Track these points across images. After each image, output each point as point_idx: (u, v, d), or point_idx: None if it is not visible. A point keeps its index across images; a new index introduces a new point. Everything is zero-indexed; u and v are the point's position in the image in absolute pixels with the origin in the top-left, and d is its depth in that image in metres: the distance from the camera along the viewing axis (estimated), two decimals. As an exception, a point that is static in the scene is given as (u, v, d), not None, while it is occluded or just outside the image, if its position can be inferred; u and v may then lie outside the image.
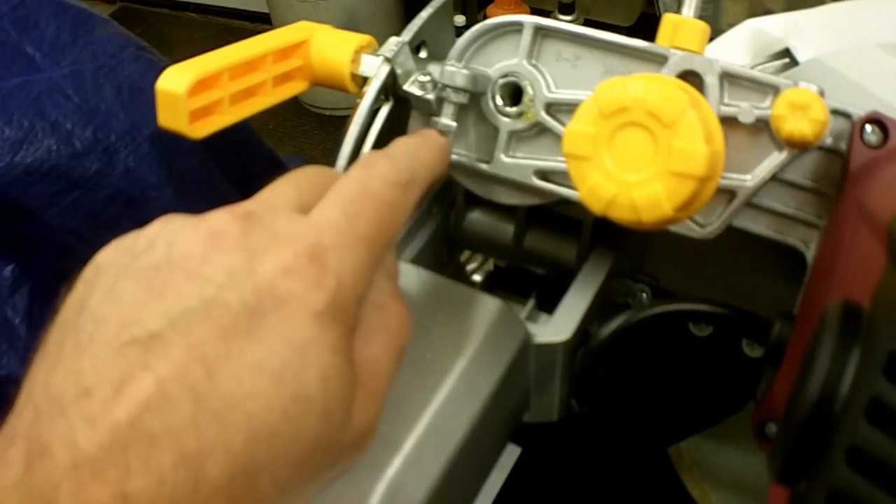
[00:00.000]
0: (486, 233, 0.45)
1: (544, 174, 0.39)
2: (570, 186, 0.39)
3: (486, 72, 0.38)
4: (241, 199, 0.27)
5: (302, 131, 1.81)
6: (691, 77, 0.35)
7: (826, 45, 0.41)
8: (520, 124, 0.39)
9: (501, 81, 0.39)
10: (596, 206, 0.31)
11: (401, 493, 0.30)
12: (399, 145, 0.32)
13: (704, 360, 0.40)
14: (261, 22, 2.08)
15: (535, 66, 0.38)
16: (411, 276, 0.38)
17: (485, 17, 1.71)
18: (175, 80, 0.35)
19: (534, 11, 1.68)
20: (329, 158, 0.39)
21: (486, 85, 0.39)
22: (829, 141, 0.34)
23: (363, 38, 0.40)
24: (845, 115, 0.34)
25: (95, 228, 0.58)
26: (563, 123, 0.38)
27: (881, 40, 0.40)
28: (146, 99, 0.61)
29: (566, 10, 1.65)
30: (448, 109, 0.38)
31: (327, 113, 1.81)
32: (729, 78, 0.34)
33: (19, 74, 0.59)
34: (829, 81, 0.41)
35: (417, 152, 0.32)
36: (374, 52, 0.40)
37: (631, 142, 0.30)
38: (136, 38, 0.66)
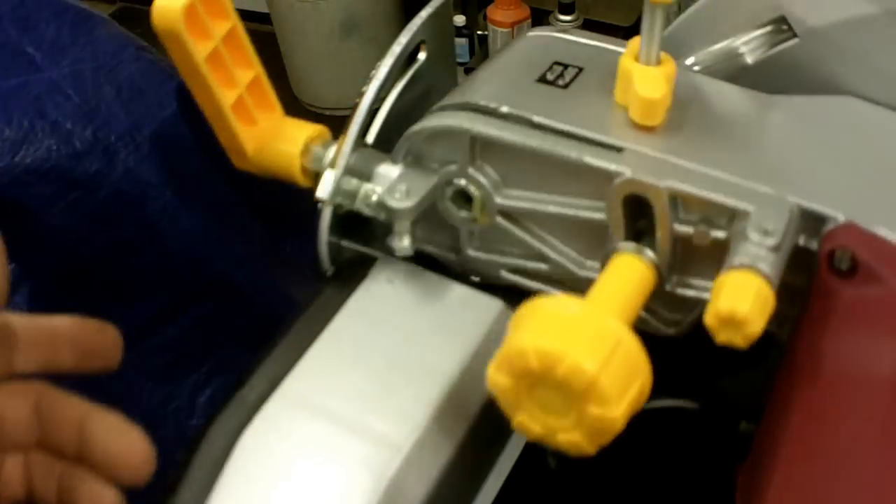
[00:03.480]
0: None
1: (515, 270, 0.37)
2: (544, 282, 0.37)
3: (434, 181, 0.36)
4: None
5: (302, 131, 1.81)
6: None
7: (828, 11, 0.37)
8: (477, 226, 0.37)
9: (449, 189, 0.36)
10: (529, 438, 0.30)
11: (401, 493, 0.30)
12: None
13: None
14: (261, 22, 2.08)
15: (480, 169, 0.35)
16: (411, 276, 0.38)
17: (485, 18, 1.71)
18: None
19: (534, 11, 1.68)
20: (329, 158, 0.39)
21: (436, 193, 0.36)
22: (801, 241, 0.32)
23: (313, 130, 0.39)
24: (820, 218, 0.31)
25: (95, 228, 0.58)
26: (522, 226, 0.36)
27: (890, 6, 0.35)
28: (146, 99, 0.61)
29: (566, 10, 1.65)
30: (401, 233, 0.36)
31: (327, 113, 1.81)
32: (682, 196, 0.32)
33: (19, 74, 0.59)
34: (831, 56, 0.37)
35: None
36: (325, 146, 0.38)
37: (550, 393, 0.28)
38: (136, 38, 0.65)
